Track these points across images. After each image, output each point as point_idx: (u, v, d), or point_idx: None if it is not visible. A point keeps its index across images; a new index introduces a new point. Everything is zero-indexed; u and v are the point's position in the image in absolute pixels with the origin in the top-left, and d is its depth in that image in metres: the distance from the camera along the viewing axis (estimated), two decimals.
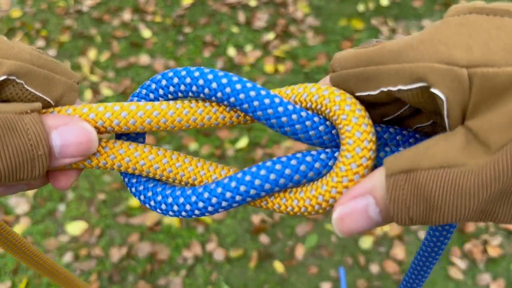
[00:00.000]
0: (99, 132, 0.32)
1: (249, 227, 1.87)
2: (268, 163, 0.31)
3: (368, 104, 0.30)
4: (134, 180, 0.34)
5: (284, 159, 0.31)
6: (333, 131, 0.31)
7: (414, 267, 0.43)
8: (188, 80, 0.32)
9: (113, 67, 2.43)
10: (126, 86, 2.33)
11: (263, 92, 0.30)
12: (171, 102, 0.32)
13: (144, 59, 2.45)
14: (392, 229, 1.84)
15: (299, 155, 0.31)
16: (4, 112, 0.26)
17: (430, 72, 0.24)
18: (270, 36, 2.53)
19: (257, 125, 2.15)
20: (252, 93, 0.30)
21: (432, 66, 0.24)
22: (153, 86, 0.34)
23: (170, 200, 0.33)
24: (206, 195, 0.31)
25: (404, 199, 0.24)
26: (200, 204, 0.31)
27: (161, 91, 0.33)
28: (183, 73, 0.32)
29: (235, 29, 2.58)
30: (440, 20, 0.26)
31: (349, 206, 0.27)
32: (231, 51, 2.47)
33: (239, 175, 0.31)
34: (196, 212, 0.32)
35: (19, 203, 1.94)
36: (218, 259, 1.80)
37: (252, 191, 0.30)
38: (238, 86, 0.30)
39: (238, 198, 0.31)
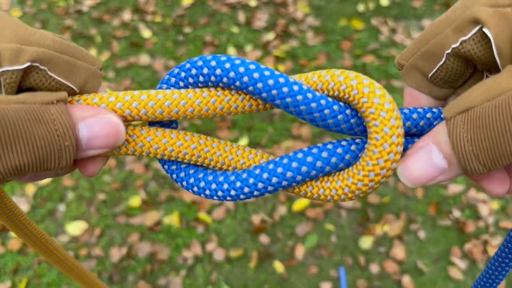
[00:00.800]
0: (126, 120, 0.31)
1: (249, 227, 1.87)
2: (300, 155, 0.31)
3: (450, 85, 0.32)
4: (178, 170, 0.35)
5: (315, 150, 0.31)
6: (352, 120, 0.31)
7: (496, 257, 0.41)
8: (205, 70, 0.32)
9: (113, 67, 2.43)
10: (126, 86, 2.33)
11: (281, 80, 0.30)
12: (197, 91, 0.32)
13: (144, 59, 2.45)
14: (392, 229, 1.84)
15: (330, 146, 0.31)
16: (30, 102, 0.26)
17: (480, 13, 0.26)
18: (270, 36, 2.53)
19: (257, 125, 2.15)
20: (271, 82, 0.30)
21: (479, 8, 0.26)
22: (172, 80, 0.33)
23: (202, 184, 0.33)
24: (238, 184, 0.32)
25: (466, 137, 0.25)
26: (232, 192, 0.32)
27: (181, 83, 0.33)
28: (200, 63, 0.32)
29: (235, 29, 2.58)
30: None
31: (413, 154, 0.28)
32: (231, 51, 2.47)
33: (271, 166, 0.31)
34: (228, 198, 0.32)
35: (19, 203, 1.94)
36: (218, 259, 1.80)
37: (284, 183, 0.31)
38: (256, 75, 0.30)
39: (270, 188, 0.31)
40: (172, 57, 2.47)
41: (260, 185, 0.31)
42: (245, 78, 0.30)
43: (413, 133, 0.33)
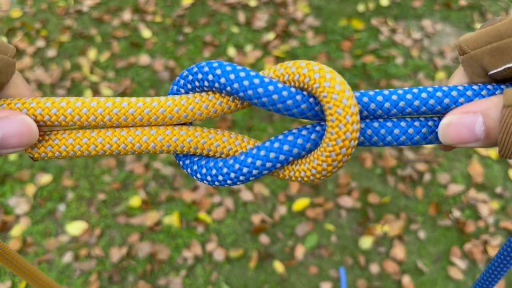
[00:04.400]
0: (45, 125, 0.33)
1: (249, 227, 1.87)
2: (262, 152, 0.34)
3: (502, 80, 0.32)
4: (184, 158, 0.37)
5: (277, 144, 0.33)
6: (316, 108, 0.32)
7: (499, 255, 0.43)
8: (190, 77, 0.34)
9: (113, 67, 2.43)
10: (126, 86, 2.33)
11: (242, 74, 0.32)
12: (117, 100, 0.34)
13: (144, 59, 2.45)
14: (392, 229, 1.84)
15: (290, 137, 0.33)
16: None
17: None
18: (270, 36, 2.53)
19: (257, 125, 2.15)
20: (232, 76, 0.32)
21: None
22: (182, 82, 0.36)
23: (204, 170, 0.36)
24: (237, 166, 0.35)
25: None
26: (232, 175, 0.35)
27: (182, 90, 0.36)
28: (195, 69, 0.34)
29: (235, 29, 2.58)
30: None
31: (460, 117, 0.29)
32: (231, 51, 2.47)
33: (254, 151, 0.34)
34: (228, 182, 0.35)
35: (19, 203, 1.94)
36: (218, 259, 1.80)
37: (268, 164, 0.34)
38: (218, 72, 0.32)
39: (255, 172, 0.34)
40: (172, 57, 2.46)
41: (245, 170, 0.34)
42: (210, 76, 0.33)
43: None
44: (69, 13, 2.70)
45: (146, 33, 2.57)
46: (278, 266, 1.77)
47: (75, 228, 1.88)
